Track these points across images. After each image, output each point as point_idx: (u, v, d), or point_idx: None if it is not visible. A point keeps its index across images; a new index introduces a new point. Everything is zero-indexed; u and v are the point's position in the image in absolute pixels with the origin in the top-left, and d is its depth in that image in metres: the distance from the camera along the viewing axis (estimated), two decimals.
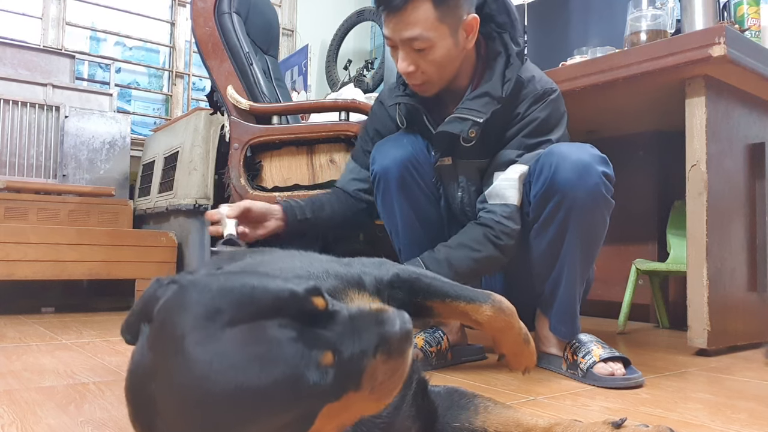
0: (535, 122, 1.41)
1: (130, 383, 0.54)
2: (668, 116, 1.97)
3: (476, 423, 0.81)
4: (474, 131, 1.38)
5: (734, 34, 1.64)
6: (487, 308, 0.85)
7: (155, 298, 0.54)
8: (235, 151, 1.93)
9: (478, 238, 1.38)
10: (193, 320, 0.48)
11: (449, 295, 0.83)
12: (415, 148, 1.46)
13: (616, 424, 0.80)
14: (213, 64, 2.01)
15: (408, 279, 0.82)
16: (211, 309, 0.48)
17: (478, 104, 1.38)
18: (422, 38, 1.32)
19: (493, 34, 1.43)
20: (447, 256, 1.36)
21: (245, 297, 0.49)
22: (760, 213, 1.90)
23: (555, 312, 1.44)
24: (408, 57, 1.36)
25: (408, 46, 1.34)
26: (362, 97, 3.10)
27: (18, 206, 2.74)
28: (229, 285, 0.51)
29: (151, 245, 2.82)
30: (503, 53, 1.41)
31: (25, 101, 3.04)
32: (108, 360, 1.55)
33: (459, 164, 1.48)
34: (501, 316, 0.86)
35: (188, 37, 4.07)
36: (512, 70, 1.39)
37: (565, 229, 1.35)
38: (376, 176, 1.47)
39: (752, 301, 1.86)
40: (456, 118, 1.40)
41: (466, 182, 1.48)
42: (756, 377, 1.44)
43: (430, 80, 1.39)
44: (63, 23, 3.62)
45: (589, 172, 1.30)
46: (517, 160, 1.40)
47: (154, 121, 4.03)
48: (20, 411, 1.05)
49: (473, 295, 0.85)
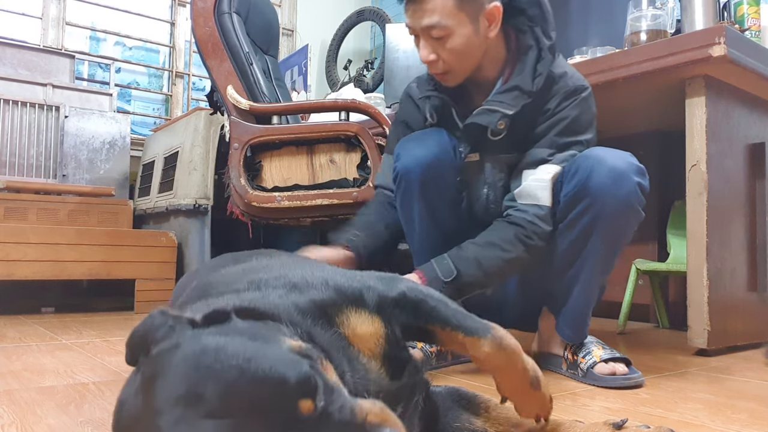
0: (566, 120, 1.37)
1: (116, 412, 0.54)
2: (668, 116, 1.97)
3: (477, 423, 0.81)
4: (503, 123, 1.35)
5: (734, 34, 1.64)
6: (485, 343, 0.76)
7: (154, 339, 0.54)
8: (235, 151, 1.92)
9: (508, 238, 1.33)
10: (175, 400, 0.47)
11: (449, 323, 0.77)
12: (441, 148, 1.41)
13: (617, 425, 0.79)
14: (213, 64, 2.01)
15: (413, 300, 0.77)
16: (194, 393, 0.47)
17: (507, 97, 1.36)
18: (440, 26, 1.31)
19: (524, 27, 1.40)
20: (476, 255, 1.32)
21: (231, 387, 0.48)
22: (760, 213, 1.90)
23: (564, 314, 1.42)
24: (428, 45, 1.35)
25: (427, 35, 1.33)
26: (362, 97, 3.10)
27: (18, 206, 2.74)
28: (218, 366, 0.49)
29: (150, 245, 2.82)
30: (534, 47, 1.38)
31: (25, 101, 3.04)
32: (108, 360, 1.55)
33: (486, 159, 1.44)
34: (500, 354, 0.77)
35: (188, 37, 4.07)
36: (544, 65, 1.36)
37: (590, 234, 1.32)
38: (398, 175, 1.44)
39: (752, 301, 1.86)
40: (485, 110, 1.37)
41: (493, 178, 1.44)
42: (756, 377, 1.44)
43: (451, 69, 1.37)
44: (63, 23, 3.62)
45: (625, 180, 1.28)
46: (549, 159, 1.36)
47: (154, 121, 4.03)
48: (20, 411, 1.05)
49: (473, 327, 0.77)
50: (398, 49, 3.63)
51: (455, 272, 1.29)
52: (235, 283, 0.75)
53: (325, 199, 1.91)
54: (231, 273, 0.83)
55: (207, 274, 0.93)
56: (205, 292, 0.77)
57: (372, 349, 0.70)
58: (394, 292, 0.76)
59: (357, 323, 0.70)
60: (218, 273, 0.87)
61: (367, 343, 0.70)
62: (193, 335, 0.53)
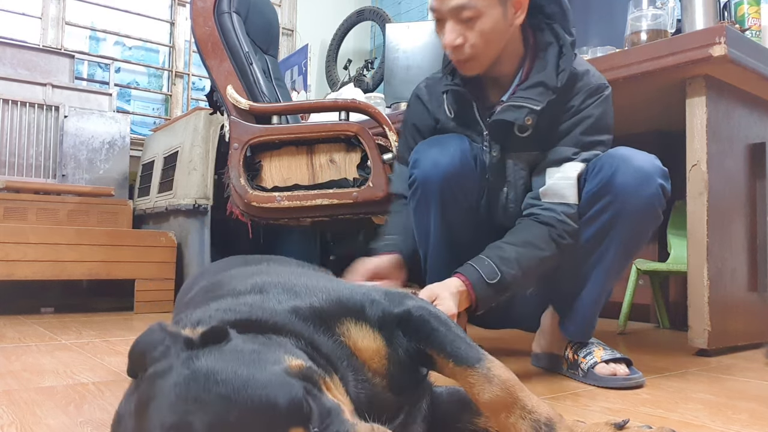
0: (591, 119, 1.36)
1: (113, 427, 0.56)
2: (669, 116, 1.97)
3: (478, 423, 0.81)
4: (530, 119, 1.33)
5: (735, 33, 1.64)
6: (472, 374, 0.69)
7: (152, 358, 0.55)
8: (235, 151, 1.92)
9: (543, 237, 1.30)
10: (165, 430, 0.48)
11: (444, 349, 0.71)
12: (462, 156, 1.38)
13: (619, 426, 0.79)
14: (212, 63, 2.01)
15: (416, 319, 0.73)
16: (183, 423, 0.48)
17: (533, 93, 1.34)
18: (470, 6, 1.28)
19: (542, 25, 1.40)
20: (517, 256, 1.28)
21: (219, 418, 0.48)
22: (761, 213, 1.90)
23: (573, 311, 1.40)
24: (455, 29, 1.32)
25: (455, 17, 1.31)
26: (362, 97, 3.10)
27: (17, 206, 2.74)
28: (206, 397, 0.49)
29: (150, 245, 2.81)
30: (555, 43, 1.37)
31: (25, 101, 3.04)
32: (107, 360, 1.54)
33: (509, 157, 1.42)
34: (490, 388, 0.68)
35: (188, 37, 4.07)
36: (566, 61, 1.35)
37: (609, 231, 1.31)
38: (415, 181, 1.40)
39: (753, 301, 1.86)
40: (510, 107, 1.35)
41: (514, 177, 1.42)
42: (756, 377, 1.44)
43: (476, 55, 1.34)
44: (62, 23, 3.62)
45: (649, 182, 1.27)
46: (573, 158, 1.35)
47: (154, 121, 4.03)
48: (20, 411, 1.05)
49: (464, 356, 0.70)
50: (398, 49, 3.63)
51: (499, 274, 1.25)
52: (238, 285, 0.75)
53: (325, 199, 1.91)
54: (236, 275, 0.83)
55: (215, 274, 0.93)
56: (211, 291, 0.77)
57: (376, 367, 0.69)
58: (399, 308, 0.74)
59: (358, 336, 0.69)
60: (225, 274, 0.87)
61: (370, 360, 0.69)
62: (187, 358, 0.53)
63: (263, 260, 1.02)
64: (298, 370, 0.54)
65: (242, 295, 0.71)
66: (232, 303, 0.68)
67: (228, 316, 0.64)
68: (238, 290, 0.73)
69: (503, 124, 1.36)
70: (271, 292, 0.71)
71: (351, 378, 0.65)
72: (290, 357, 0.56)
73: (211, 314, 0.66)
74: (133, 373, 0.57)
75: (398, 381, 0.71)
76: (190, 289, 1.00)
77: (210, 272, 1.05)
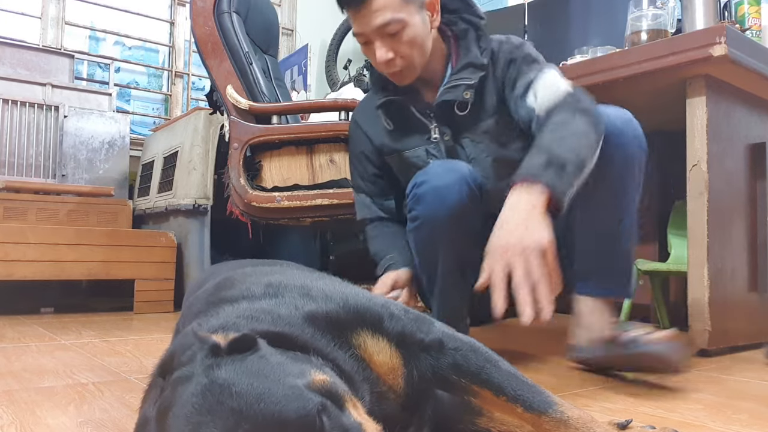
0: (522, 57, 1.42)
1: (137, 428, 0.58)
2: (669, 116, 1.96)
3: (480, 423, 0.81)
4: (468, 93, 1.39)
5: (735, 33, 1.64)
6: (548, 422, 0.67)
7: (179, 362, 0.55)
8: (235, 151, 1.92)
9: (565, 117, 1.23)
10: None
11: (504, 391, 0.69)
12: (467, 189, 1.31)
13: (622, 425, 0.79)
14: (212, 63, 2.01)
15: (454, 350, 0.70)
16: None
17: (465, 73, 1.42)
18: (395, 20, 1.34)
19: (453, 19, 1.48)
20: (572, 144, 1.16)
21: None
22: (761, 213, 1.90)
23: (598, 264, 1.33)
24: (384, 44, 1.37)
25: (382, 33, 1.36)
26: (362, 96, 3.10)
27: (17, 206, 2.74)
28: (219, 409, 0.49)
29: (150, 245, 2.81)
30: (470, 28, 1.46)
31: (24, 101, 3.03)
32: (107, 360, 1.54)
33: (464, 138, 1.44)
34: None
35: (188, 37, 4.07)
36: (485, 40, 1.45)
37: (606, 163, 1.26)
38: (417, 218, 1.34)
39: (753, 302, 1.86)
40: (447, 89, 1.42)
41: (477, 154, 1.43)
42: (756, 377, 1.44)
43: (409, 64, 1.40)
44: (62, 23, 3.62)
45: (632, 123, 1.33)
46: (535, 77, 1.36)
47: (154, 121, 4.03)
48: (19, 411, 1.05)
49: (533, 401, 0.69)
50: None
51: (564, 160, 1.12)
52: (252, 285, 0.73)
53: (325, 199, 1.91)
54: (250, 273, 0.82)
55: (227, 272, 0.92)
56: (223, 289, 0.76)
57: (391, 383, 0.68)
58: (429, 336, 0.71)
59: (374, 350, 0.68)
60: (238, 272, 0.85)
61: (386, 375, 0.68)
62: (208, 366, 0.53)
63: (276, 263, 1.01)
64: (321, 385, 0.53)
65: (256, 299, 0.69)
66: (250, 308, 0.67)
67: (256, 325, 0.63)
68: (251, 292, 0.71)
69: (446, 105, 1.42)
70: (287, 296, 0.69)
71: (366, 390, 0.64)
72: (316, 371, 0.55)
73: (235, 320, 0.64)
74: (161, 372, 0.58)
75: (412, 400, 0.70)
76: (200, 286, 0.99)
77: (219, 274, 1.03)
